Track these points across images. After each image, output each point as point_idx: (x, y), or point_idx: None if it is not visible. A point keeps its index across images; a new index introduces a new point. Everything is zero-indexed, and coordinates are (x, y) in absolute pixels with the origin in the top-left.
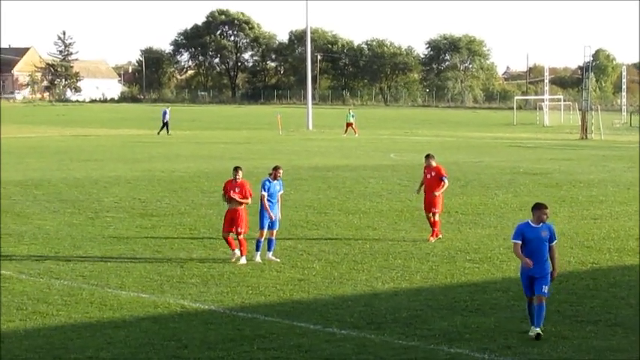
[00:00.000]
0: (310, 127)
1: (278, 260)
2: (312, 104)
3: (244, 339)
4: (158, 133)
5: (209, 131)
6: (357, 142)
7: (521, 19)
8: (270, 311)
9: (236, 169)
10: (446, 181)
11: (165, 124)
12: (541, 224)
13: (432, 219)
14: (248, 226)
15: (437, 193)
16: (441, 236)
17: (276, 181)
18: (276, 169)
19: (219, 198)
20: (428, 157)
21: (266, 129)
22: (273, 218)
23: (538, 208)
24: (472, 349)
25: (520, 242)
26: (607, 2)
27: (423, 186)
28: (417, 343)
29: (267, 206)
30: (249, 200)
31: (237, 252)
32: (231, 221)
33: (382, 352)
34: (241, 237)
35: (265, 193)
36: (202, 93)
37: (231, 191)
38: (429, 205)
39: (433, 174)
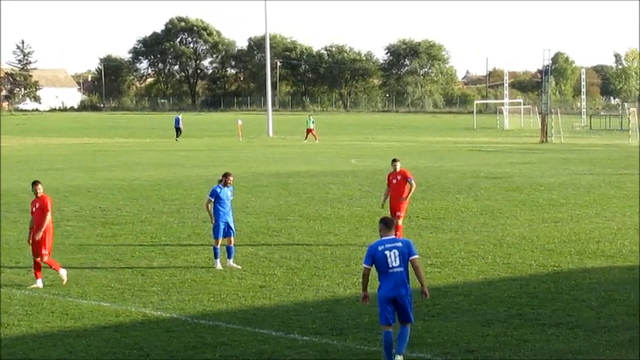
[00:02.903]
0: (271, 133)
1: (239, 267)
2: (273, 111)
3: (206, 347)
4: (176, 140)
5: (169, 139)
6: (318, 148)
7: (480, 23)
8: (232, 318)
9: (34, 183)
10: (413, 182)
11: (178, 130)
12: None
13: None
14: (51, 247)
15: (406, 198)
16: None
17: (227, 188)
18: (226, 175)
19: (180, 206)
20: (395, 161)
21: (227, 136)
22: (213, 224)
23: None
24: (434, 353)
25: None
26: (566, 5)
27: (389, 194)
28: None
29: (211, 212)
30: (48, 216)
31: (39, 282)
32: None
33: (344, 357)
34: (45, 260)
35: (212, 199)
36: (162, 101)
37: (32, 208)
38: (395, 209)
39: (399, 178)
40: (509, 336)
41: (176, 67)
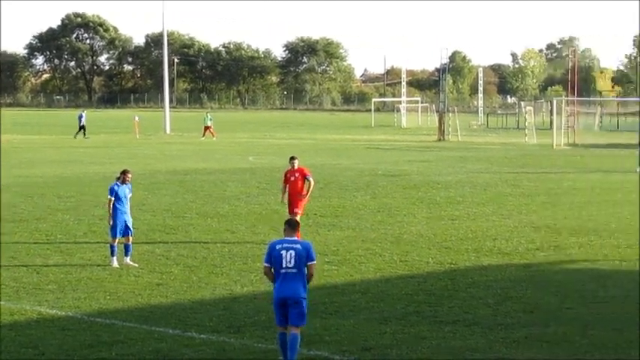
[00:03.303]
0: (168, 130)
1: (136, 265)
2: (170, 108)
3: (102, 345)
4: (85, 137)
5: (66, 135)
6: (215, 145)
7: (378, 22)
8: (129, 317)
9: None
10: (311, 180)
11: (83, 127)
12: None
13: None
14: None
15: (306, 195)
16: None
17: (124, 185)
18: (124, 172)
19: (76, 203)
20: (292, 159)
21: (123, 133)
22: (111, 224)
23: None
24: (331, 351)
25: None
26: (464, 5)
27: (287, 191)
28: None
29: (110, 211)
30: None
31: None
32: None
33: (242, 355)
34: None
35: (112, 198)
36: (58, 97)
37: None
38: (294, 206)
39: (297, 175)
40: (407, 333)
41: (72, 63)
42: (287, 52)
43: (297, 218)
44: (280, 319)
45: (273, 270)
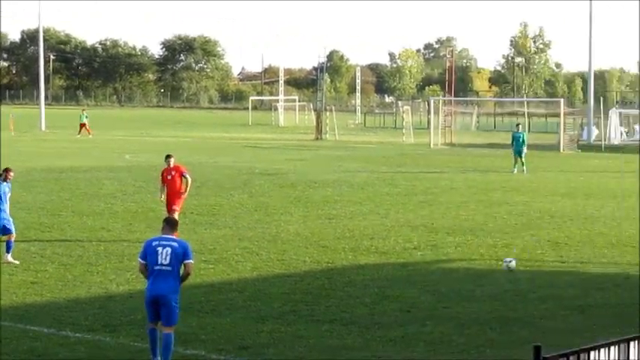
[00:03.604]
0: (43, 127)
1: (17, 262)
2: (45, 105)
3: None
4: None
5: None
6: (91, 143)
7: (256, 20)
8: (3, 315)
9: None
10: (188, 177)
11: None
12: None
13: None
14: None
15: (183, 193)
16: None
17: (5, 183)
18: (7, 170)
19: None
20: (168, 157)
21: None
22: None
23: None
24: (208, 350)
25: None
26: (341, 5)
27: (164, 189)
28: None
29: None
30: None
31: None
32: None
33: (117, 354)
34: None
35: None
36: None
37: None
38: (171, 204)
39: (174, 173)
40: (284, 332)
41: None
42: (164, 49)
43: (176, 216)
44: (151, 317)
45: (147, 267)
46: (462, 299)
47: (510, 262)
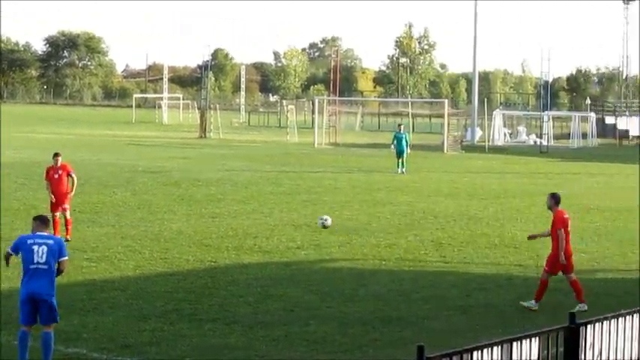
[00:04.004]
0: None
1: None
2: None
3: None
4: None
5: None
6: None
7: (140, 17)
8: None
9: None
10: (74, 176)
11: None
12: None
13: (65, 218)
14: None
15: (71, 192)
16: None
17: None
18: None
19: None
20: (56, 155)
21: None
22: None
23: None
24: (90, 348)
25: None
26: (225, 4)
27: (52, 188)
28: (33, 344)
29: None
30: None
31: None
32: None
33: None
34: None
35: None
36: None
37: None
38: (60, 204)
39: (61, 172)
40: (166, 331)
41: None
42: (47, 45)
43: (67, 215)
44: (26, 318)
45: (22, 266)
46: (345, 299)
47: (326, 220)
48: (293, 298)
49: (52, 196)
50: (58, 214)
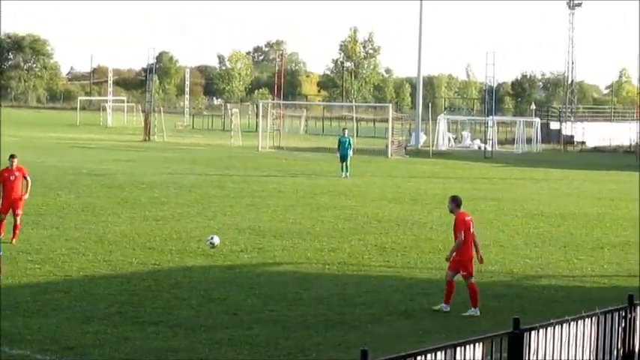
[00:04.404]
0: None
1: None
2: None
3: None
4: None
5: None
6: None
7: (85, 20)
8: None
9: None
10: (29, 178)
11: None
12: None
13: (15, 222)
14: None
15: (26, 196)
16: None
17: None
18: None
19: None
20: (12, 157)
21: None
22: None
23: None
24: (34, 350)
25: None
26: (169, 4)
27: (5, 192)
28: None
29: None
30: None
31: None
32: None
33: None
34: None
35: None
36: None
37: None
38: (14, 207)
39: (17, 174)
40: (109, 333)
41: None
42: None
43: (19, 220)
44: None
45: None
46: (288, 302)
47: (212, 238)
48: (236, 302)
49: (3, 201)
50: (4, 216)
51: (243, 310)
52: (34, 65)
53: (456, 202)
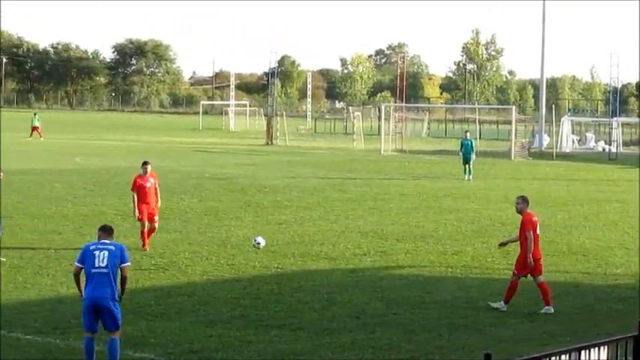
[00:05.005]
0: None
1: (4, 260)
2: None
3: None
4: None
5: None
6: (43, 145)
7: (207, 24)
8: None
9: None
10: (157, 186)
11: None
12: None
13: (151, 228)
14: None
15: (159, 204)
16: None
17: None
18: None
19: None
20: (145, 164)
21: None
22: None
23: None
24: (157, 353)
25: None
26: (292, 8)
27: (139, 197)
28: (102, 348)
29: None
30: None
31: None
32: None
33: (66, 356)
34: None
35: None
36: None
37: None
38: (152, 214)
39: (152, 181)
40: (232, 337)
41: None
42: (116, 53)
43: (155, 226)
44: (88, 325)
45: (84, 271)
46: (411, 306)
47: (258, 239)
48: (359, 305)
49: (140, 208)
50: (146, 223)
51: (366, 314)
52: (157, 70)
53: (527, 201)
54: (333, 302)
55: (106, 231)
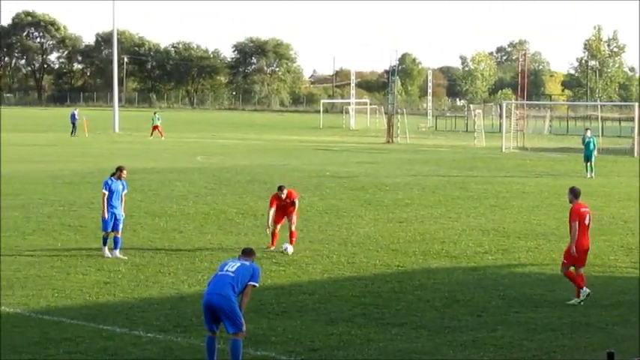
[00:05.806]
0: (117, 129)
1: (125, 258)
2: (119, 107)
3: (50, 342)
4: (71, 135)
5: (15, 133)
6: (164, 144)
7: (328, 23)
8: (76, 314)
9: None
10: (297, 202)
11: (75, 126)
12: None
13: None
14: None
15: (296, 219)
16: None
17: (119, 181)
18: (120, 169)
19: (25, 201)
20: (281, 188)
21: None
22: (106, 217)
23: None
24: (278, 351)
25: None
26: (412, 5)
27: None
28: (224, 346)
29: (105, 204)
30: None
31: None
32: None
33: (188, 355)
34: None
35: (106, 192)
36: (8, 95)
37: None
38: (291, 236)
39: (288, 201)
40: (354, 335)
41: (22, 62)
42: (236, 52)
43: (293, 227)
44: (207, 324)
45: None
46: (533, 304)
47: (286, 246)
48: (481, 303)
49: (270, 228)
50: (276, 226)
51: (487, 312)
52: (277, 69)
53: (574, 193)
54: (454, 300)
55: (247, 253)
